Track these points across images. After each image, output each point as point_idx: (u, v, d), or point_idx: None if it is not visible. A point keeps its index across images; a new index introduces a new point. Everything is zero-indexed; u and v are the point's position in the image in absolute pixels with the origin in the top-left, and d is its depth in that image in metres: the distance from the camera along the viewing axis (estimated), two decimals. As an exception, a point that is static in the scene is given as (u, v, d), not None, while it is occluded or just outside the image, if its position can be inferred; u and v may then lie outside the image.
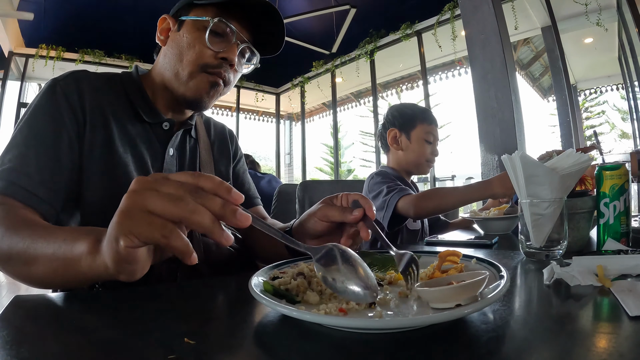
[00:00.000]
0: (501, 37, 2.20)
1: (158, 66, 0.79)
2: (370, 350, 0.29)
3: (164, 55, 0.77)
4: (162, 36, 0.77)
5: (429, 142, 1.42)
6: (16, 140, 0.65)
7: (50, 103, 0.68)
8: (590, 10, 4.09)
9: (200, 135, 0.89)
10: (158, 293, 0.50)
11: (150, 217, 0.37)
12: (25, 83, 5.91)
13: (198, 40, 0.72)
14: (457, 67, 5.91)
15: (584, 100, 9.20)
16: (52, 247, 0.49)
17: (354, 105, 7.85)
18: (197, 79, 0.73)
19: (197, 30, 0.73)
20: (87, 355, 0.30)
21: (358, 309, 0.37)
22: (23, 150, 0.64)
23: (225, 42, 0.74)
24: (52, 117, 0.67)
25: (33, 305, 0.45)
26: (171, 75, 0.75)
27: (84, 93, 0.71)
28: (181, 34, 0.74)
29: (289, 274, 0.44)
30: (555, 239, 0.63)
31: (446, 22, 4.77)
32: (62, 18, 5.20)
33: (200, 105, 0.77)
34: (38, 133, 0.66)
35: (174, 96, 0.77)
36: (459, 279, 0.38)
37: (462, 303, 0.33)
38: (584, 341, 0.30)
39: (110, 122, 0.72)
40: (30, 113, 0.68)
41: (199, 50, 0.72)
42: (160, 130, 0.79)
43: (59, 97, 0.68)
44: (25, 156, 0.63)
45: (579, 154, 0.66)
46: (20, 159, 0.63)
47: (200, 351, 0.30)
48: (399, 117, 1.45)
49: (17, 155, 0.63)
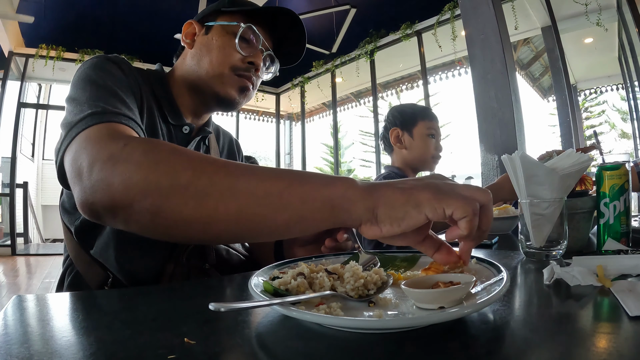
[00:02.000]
0: (501, 37, 2.20)
1: (184, 68, 0.79)
2: (370, 350, 0.29)
3: (192, 57, 0.78)
4: (187, 39, 0.79)
5: (432, 136, 1.44)
6: (101, 87, 0.59)
7: (119, 70, 0.66)
8: (590, 10, 4.09)
9: (212, 143, 0.90)
10: (158, 293, 0.50)
11: (463, 193, 0.40)
12: (25, 83, 5.91)
13: (228, 44, 0.75)
14: (457, 67, 5.92)
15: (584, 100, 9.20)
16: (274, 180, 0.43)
17: (354, 105, 7.85)
18: (228, 78, 0.75)
19: (227, 34, 0.75)
20: (87, 355, 0.30)
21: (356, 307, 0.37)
22: (114, 92, 0.60)
23: (251, 48, 0.77)
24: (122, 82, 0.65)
25: (33, 305, 0.45)
26: (202, 75, 0.76)
27: (137, 76, 0.71)
28: (210, 37, 0.76)
29: (289, 274, 0.44)
30: (555, 239, 0.63)
31: (446, 22, 4.77)
32: (62, 18, 5.20)
33: (232, 105, 0.79)
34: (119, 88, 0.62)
35: (203, 97, 0.78)
36: (445, 279, 0.39)
37: (445, 306, 0.34)
38: (584, 341, 0.30)
39: (154, 111, 0.73)
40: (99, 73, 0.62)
41: (229, 53, 0.75)
42: (181, 133, 0.79)
43: (123, 68, 0.68)
44: (120, 98, 0.60)
45: (579, 154, 0.66)
46: (119, 99, 0.59)
47: (200, 351, 0.30)
48: (399, 116, 1.48)
49: (113, 94, 0.59)
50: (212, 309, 0.32)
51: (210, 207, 0.43)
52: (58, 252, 5.85)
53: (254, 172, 0.44)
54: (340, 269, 0.44)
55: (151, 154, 0.45)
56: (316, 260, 0.55)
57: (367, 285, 0.40)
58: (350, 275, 0.41)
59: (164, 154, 0.45)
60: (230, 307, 0.32)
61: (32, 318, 0.40)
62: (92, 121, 0.52)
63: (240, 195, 0.42)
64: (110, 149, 0.47)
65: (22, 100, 5.81)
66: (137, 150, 0.46)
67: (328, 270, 0.44)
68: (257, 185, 0.43)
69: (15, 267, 4.87)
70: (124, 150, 0.46)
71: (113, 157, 0.46)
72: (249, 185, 0.43)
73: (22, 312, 0.42)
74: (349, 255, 0.58)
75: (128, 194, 0.44)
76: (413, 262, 0.55)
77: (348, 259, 0.54)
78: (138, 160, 0.45)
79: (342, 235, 0.59)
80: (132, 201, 0.44)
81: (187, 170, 0.43)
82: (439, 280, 0.39)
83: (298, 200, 0.42)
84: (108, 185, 0.45)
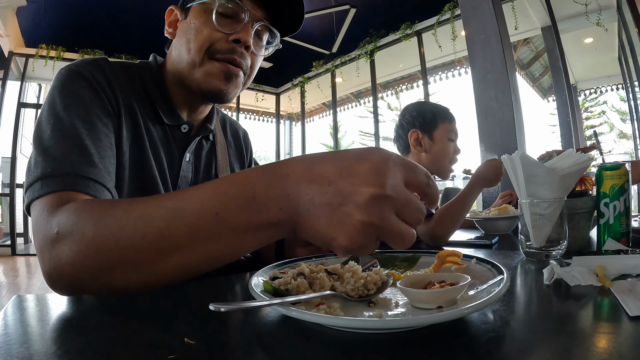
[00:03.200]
0: (501, 37, 2.20)
1: (170, 61, 0.73)
2: (370, 350, 0.29)
3: (174, 48, 0.71)
4: (170, 29, 0.72)
5: (451, 140, 1.35)
6: (62, 130, 0.55)
7: (86, 89, 0.61)
8: (590, 10, 4.09)
9: (218, 137, 0.84)
10: (158, 293, 0.50)
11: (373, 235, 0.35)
12: (25, 83, 5.91)
13: (206, 24, 0.66)
14: (457, 67, 5.91)
15: (584, 100, 9.21)
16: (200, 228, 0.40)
17: (353, 105, 7.85)
18: (207, 66, 0.67)
19: (204, 13, 0.67)
20: (87, 355, 0.30)
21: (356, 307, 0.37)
22: (76, 139, 0.55)
23: (237, 23, 0.67)
24: (93, 102, 0.60)
25: (33, 305, 0.45)
26: (183, 68, 0.69)
27: (112, 82, 0.65)
28: (188, 21, 0.68)
29: (289, 274, 0.44)
30: (555, 239, 0.63)
31: (446, 22, 4.77)
32: (62, 18, 5.20)
33: (219, 97, 0.70)
34: (85, 119, 0.58)
35: (190, 91, 0.71)
36: (439, 278, 0.39)
37: (443, 306, 0.34)
38: (584, 341, 0.30)
39: (139, 118, 0.67)
40: (64, 99, 0.58)
41: (206, 35, 0.66)
42: (179, 133, 0.73)
43: (92, 84, 0.62)
44: (81, 144, 0.55)
45: (579, 154, 0.66)
46: (79, 148, 0.55)
47: (200, 351, 0.30)
48: (418, 117, 1.36)
49: (73, 144, 0.55)
50: (212, 309, 0.32)
51: (152, 272, 0.43)
52: (58, 252, 5.84)
53: (170, 227, 0.41)
54: (340, 269, 0.44)
55: (77, 237, 0.44)
56: (316, 260, 0.55)
57: (367, 285, 0.40)
58: (350, 275, 0.41)
59: (89, 233, 0.44)
60: (230, 307, 0.32)
61: (32, 318, 0.40)
62: (42, 190, 0.51)
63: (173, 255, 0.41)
64: (49, 233, 0.46)
65: (22, 100, 5.81)
66: (67, 233, 0.45)
67: (328, 271, 0.44)
68: (180, 244, 0.41)
69: (15, 267, 4.88)
70: (59, 236, 0.45)
71: (53, 242, 0.45)
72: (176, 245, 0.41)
73: (22, 312, 0.42)
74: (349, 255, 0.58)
75: (78, 276, 0.44)
76: (413, 262, 0.55)
77: (348, 259, 0.54)
78: (70, 245, 0.44)
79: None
80: (84, 282, 0.44)
81: (112, 243, 0.42)
82: (433, 280, 0.39)
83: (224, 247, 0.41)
84: (57, 271, 0.45)
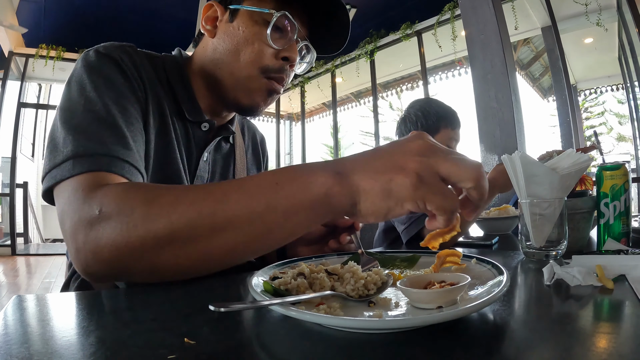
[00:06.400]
0: (501, 37, 2.20)
1: (204, 60, 0.69)
2: (370, 350, 0.29)
3: (214, 50, 0.67)
4: (208, 25, 0.67)
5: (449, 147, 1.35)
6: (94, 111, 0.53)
7: (117, 72, 0.59)
8: (590, 10, 4.09)
9: (237, 140, 0.82)
10: (158, 293, 0.50)
11: (444, 187, 0.37)
12: (25, 83, 5.92)
13: (258, 36, 0.63)
14: (457, 67, 5.91)
15: (583, 100, 9.20)
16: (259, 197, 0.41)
17: (354, 105, 7.85)
18: (256, 84, 0.65)
19: (256, 24, 0.64)
20: (87, 355, 0.30)
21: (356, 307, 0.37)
22: (110, 121, 0.54)
23: (285, 40, 0.65)
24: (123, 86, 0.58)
25: (33, 305, 0.45)
26: (224, 76, 0.66)
27: (140, 70, 0.63)
28: (236, 26, 0.64)
29: (289, 274, 0.44)
30: (555, 239, 0.63)
31: (446, 22, 4.77)
32: (62, 18, 5.20)
33: (255, 113, 0.70)
34: (118, 102, 0.56)
35: (223, 98, 0.69)
36: (439, 278, 0.39)
37: (443, 306, 0.34)
38: (584, 341, 0.30)
39: (165, 109, 0.65)
40: (96, 80, 0.56)
41: (259, 50, 0.63)
42: (199, 131, 0.71)
43: (123, 68, 0.60)
44: (115, 125, 0.53)
45: (579, 154, 0.66)
46: (114, 129, 0.53)
47: (200, 351, 0.30)
48: (422, 117, 1.34)
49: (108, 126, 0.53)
50: (212, 309, 0.32)
51: (200, 251, 0.43)
52: (58, 252, 5.86)
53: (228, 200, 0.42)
54: (340, 269, 0.44)
55: (124, 216, 0.43)
56: (316, 260, 0.55)
57: (367, 285, 0.40)
58: (350, 275, 0.41)
59: (139, 210, 0.42)
60: (230, 307, 0.32)
61: (32, 318, 0.40)
62: (74, 170, 0.48)
63: (226, 231, 0.41)
64: (88, 213, 0.44)
65: (22, 100, 5.81)
66: (113, 213, 0.43)
67: (328, 271, 0.44)
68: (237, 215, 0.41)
69: (15, 267, 4.88)
70: (101, 216, 0.43)
71: (92, 223, 0.44)
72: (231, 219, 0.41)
73: (22, 312, 0.42)
74: (350, 255, 0.58)
75: (119, 258, 0.43)
76: (413, 262, 0.55)
77: (348, 259, 0.54)
78: (115, 225, 0.42)
79: (345, 237, 0.59)
80: (125, 265, 0.43)
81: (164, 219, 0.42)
82: (433, 280, 0.39)
83: (282, 219, 0.41)
84: (95, 254, 0.43)
